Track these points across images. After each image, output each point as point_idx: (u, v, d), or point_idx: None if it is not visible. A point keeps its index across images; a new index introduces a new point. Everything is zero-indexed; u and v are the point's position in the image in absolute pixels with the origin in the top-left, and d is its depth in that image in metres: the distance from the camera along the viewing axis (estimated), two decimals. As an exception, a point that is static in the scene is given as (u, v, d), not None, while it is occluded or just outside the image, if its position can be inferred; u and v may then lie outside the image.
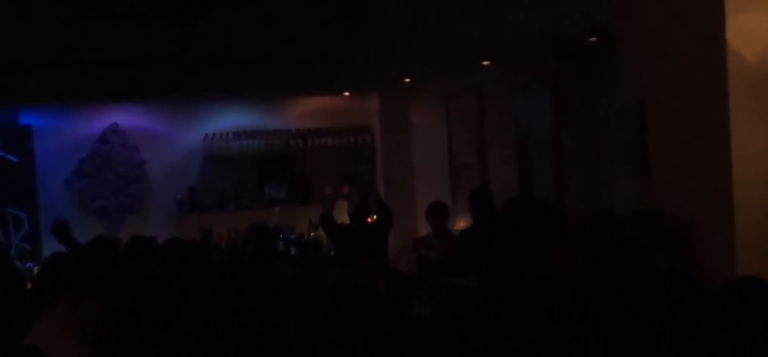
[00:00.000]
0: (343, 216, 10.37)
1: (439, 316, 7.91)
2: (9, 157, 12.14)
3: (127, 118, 12.74)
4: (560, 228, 7.11)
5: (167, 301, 4.25)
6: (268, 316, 3.39)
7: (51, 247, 10.17)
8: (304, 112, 13.69)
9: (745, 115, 5.66)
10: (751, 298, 3.34)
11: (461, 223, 11.71)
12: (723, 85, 5.63)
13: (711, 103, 5.77)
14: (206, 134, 13.01)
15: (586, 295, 4.90)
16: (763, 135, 5.71)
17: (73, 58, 10.87)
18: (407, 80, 12.65)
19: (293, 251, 12.72)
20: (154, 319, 4.03)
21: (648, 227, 5.99)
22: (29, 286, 6.01)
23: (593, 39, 8.92)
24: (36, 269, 10.59)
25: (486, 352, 2.77)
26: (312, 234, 12.87)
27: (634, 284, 3.73)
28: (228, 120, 13.19)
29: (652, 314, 3.46)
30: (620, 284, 4.39)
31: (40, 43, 10.11)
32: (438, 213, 10.17)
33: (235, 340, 3.41)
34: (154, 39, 10.25)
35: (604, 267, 5.90)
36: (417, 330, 6.12)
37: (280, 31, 10.56)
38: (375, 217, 10.19)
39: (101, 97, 12.00)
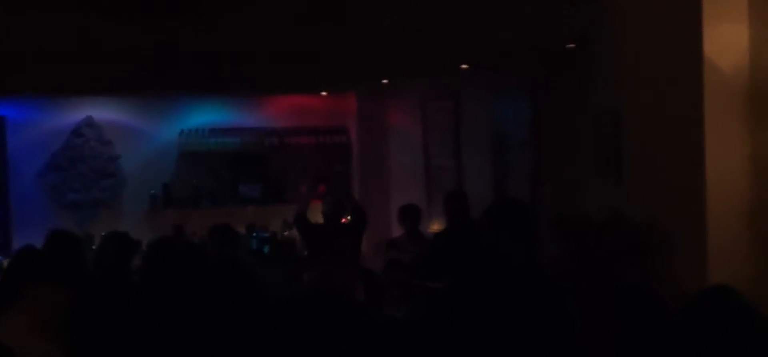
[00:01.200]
0: (317, 216, 10.33)
1: (410, 318, 7.90)
2: (-19, 148, 12.06)
3: (102, 111, 12.67)
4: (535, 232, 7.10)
5: (137, 299, 4.22)
6: (239, 317, 3.38)
7: (21, 240, 10.11)
8: (280, 110, 13.65)
9: (720, 126, 5.68)
10: (722, 307, 3.33)
11: (435, 226, 11.70)
12: (698, 95, 5.64)
13: (686, 112, 5.78)
14: (182, 130, 12.96)
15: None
16: (736, 145, 5.73)
17: (48, 50, 10.81)
18: (385, 81, 12.63)
19: (266, 250, 12.68)
20: (123, 317, 4.00)
21: (619, 234, 6.00)
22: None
23: (571, 45, 8.92)
24: (5, 263, 10.53)
25: (457, 355, 2.76)
26: (286, 233, 12.83)
27: (602, 293, 3.74)
28: (204, 116, 13.14)
29: (617, 323, 3.46)
30: (587, 292, 4.40)
31: (15, 35, 10.05)
32: (410, 215, 10.15)
33: (204, 340, 3.39)
34: (132, 33, 10.21)
35: (578, 272, 5.91)
36: (388, 331, 6.11)
37: (259, 29, 10.54)
38: (349, 217, 10.17)
39: (76, 90, 11.93)
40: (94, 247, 10.58)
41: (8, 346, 3.74)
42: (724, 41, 5.70)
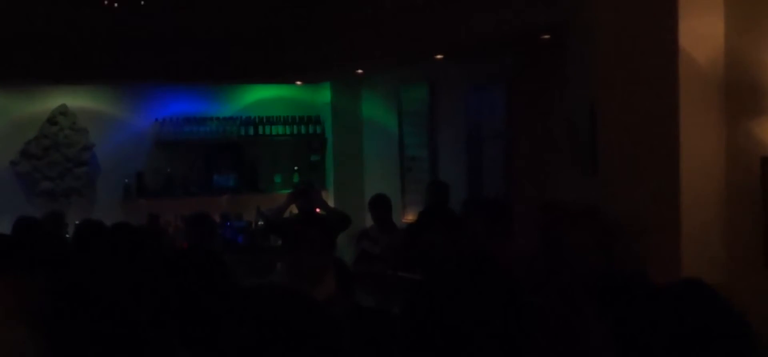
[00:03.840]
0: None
1: (382, 307, 7.90)
2: (-46, 136, 11.98)
3: (77, 100, 12.60)
4: (507, 223, 7.12)
5: (113, 287, 4.21)
6: (212, 308, 3.37)
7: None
8: (255, 100, 13.64)
9: (695, 117, 5.70)
10: (692, 301, 3.33)
11: (409, 216, 11.70)
12: (674, 86, 5.67)
13: (661, 103, 5.80)
14: (156, 119, 12.92)
15: (532, 291, 4.90)
16: (711, 137, 5.76)
17: (22, 37, 10.75)
18: (360, 71, 12.63)
19: (240, 239, 12.66)
20: (99, 304, 3.98)
21: (591, 225, 6.01)
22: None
23: (546, 36, 8.94)
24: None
25: (429, 345, 2.74)
26: (260, 223, 12.80)
27: (593, 281, 3.73)
28: (178, 105, 13.10)
29: (611, 310, 3.46)
30: (579, 280, 4.39)
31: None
32: (379, 206, 10.02)
33: (178, 330, 3.38)
34: (106, 21, 10.17)
35: (556, 263, 5.91)
36: (361, 320, 6.11)
37: (234, 17, 10.52)
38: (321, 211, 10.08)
39: (51, 78, 11.87)
40: (68, 236, 10.54)
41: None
42: (700, 33, 5.72)
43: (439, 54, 10.80)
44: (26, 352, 3.97)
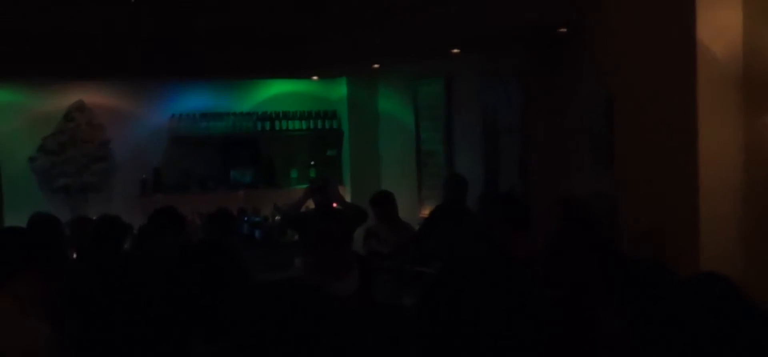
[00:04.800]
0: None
1: (397, 302, 7.89)
2: (-29, 132, 12.02)
3: (94, 96, 12.62)
4: (523, 217, 7.11)
5: (129, 282, 4.21)
6: (230, 303, 3.37)
7: (12, 223, 10.07)
8: (271, 95, 13.63)
9: (713, 110, 5.68)
10: (712, 294, 3.31)
11: (426, 211, 11.69)
12: (692, 79, 5.64)
13: (679, 96, 5.78)
14: (173, 115, 12.92)
15: (548, 285, 4.88)
16: (729, 130, 5.73)
17: (38, 34, 10.76)
18: (376, 65, 12.61)
19: (258, 235, 12.66)
20: (115, 299, 3.98)
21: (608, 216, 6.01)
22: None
23: (563, 29, 8.91)
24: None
25: (445, 339, 2.73)
26: (277, 218, 12.81)
27: (612, 272, 3.71)
28: (195, 101, 13.10)
29: (630, 302, 3.44)
30: (598, 272, 4.38)
31: (4, 18, 10.01)
32: (383, 203, 9.82)
33: (194, 325, 3.38)
34: (122, 17, 10.17)
35: (575, 255, 5.89)
36: (381, 316, 6.10)
37: (249, 13, 10.51)
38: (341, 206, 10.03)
39: (67, 74, 11.88)
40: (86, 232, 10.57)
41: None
42: (718, 26, 5.70)
43: (455, 48, 10.77)
44: (43, 348, 3.97)
